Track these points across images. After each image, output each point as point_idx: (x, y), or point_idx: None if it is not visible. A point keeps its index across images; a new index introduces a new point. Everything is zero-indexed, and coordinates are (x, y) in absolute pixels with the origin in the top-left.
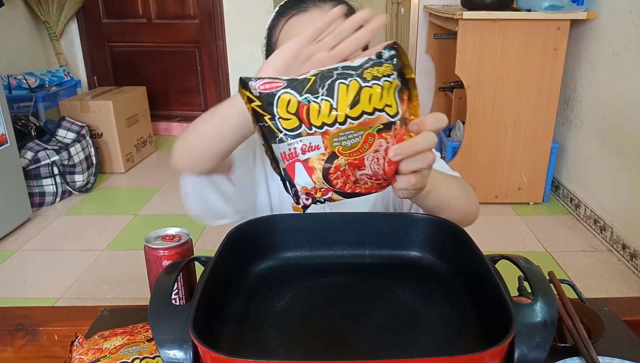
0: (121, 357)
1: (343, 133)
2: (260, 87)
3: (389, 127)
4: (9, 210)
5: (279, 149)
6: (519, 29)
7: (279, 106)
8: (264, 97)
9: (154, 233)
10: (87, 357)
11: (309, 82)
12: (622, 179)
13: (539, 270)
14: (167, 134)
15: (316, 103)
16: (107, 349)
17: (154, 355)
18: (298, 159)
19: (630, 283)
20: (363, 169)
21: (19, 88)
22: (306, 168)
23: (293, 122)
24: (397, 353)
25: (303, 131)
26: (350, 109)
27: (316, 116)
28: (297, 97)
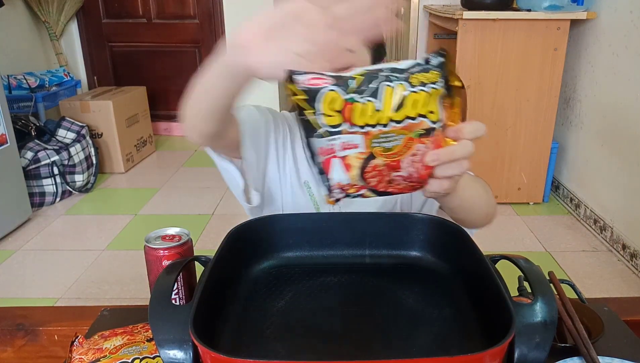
0: (121, 357)
1: (384, 135)
2: (306, 82)
3: (429, 133)
4: (9, 210)
5: (318, 143)
6: (519, 29)
7: (323, 102)
8: (309, 92)
9: (154, 233)
10: (87, 357)
11: (354, 81)
12: (622, 179)
13: (539, 270)
14: (167, 134)
15: (360, 103)
16: (107, 349)
17: (154, 355)
18: (336, 155)
19: (630, 283)
20: (399, 171)
21: (19, 88)
22: (343, 164)
23: (335, 120)
24: (397, 353)
25: (344, 129)
26: (394, 113)
27: (359, 116)
28: (342, 95)
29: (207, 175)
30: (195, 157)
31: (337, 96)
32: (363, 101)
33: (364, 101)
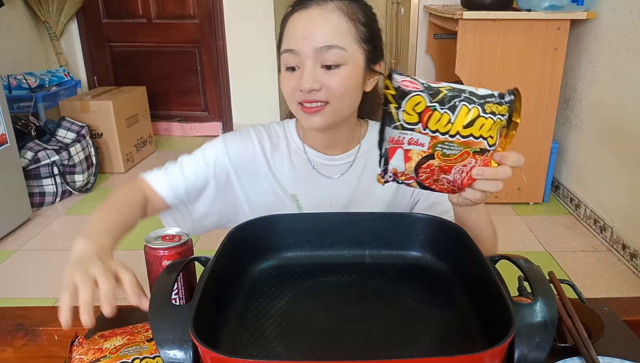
0: (121, 357)
1: (448, 143)
2: (400, 83)
3: (483, 153)
4: (9, 210)
5: (391, 133)
6: (519, 29)
7: (408, 102)
8: (399, 90)
9: (154, 233)
10: (87, 356)
11: (440, 94)
12: (622, 179)
13: (539, 270)
14: (167, 134)
15: (439, 112)
16: (107, 349)
17: (154, 355)
18: (402, 146)
19: (630, 283)
20: (448, 174)
21: (19, 88)
22: (405, 156)
23: (413, 118)
24: (397, 353)
25: (418, 128)
26: (463, 128)
27: (435, 122)
28: (427, 102)
29: None
30: None
31: (422, 101)
32: (442, 111)
33: (443, 112)
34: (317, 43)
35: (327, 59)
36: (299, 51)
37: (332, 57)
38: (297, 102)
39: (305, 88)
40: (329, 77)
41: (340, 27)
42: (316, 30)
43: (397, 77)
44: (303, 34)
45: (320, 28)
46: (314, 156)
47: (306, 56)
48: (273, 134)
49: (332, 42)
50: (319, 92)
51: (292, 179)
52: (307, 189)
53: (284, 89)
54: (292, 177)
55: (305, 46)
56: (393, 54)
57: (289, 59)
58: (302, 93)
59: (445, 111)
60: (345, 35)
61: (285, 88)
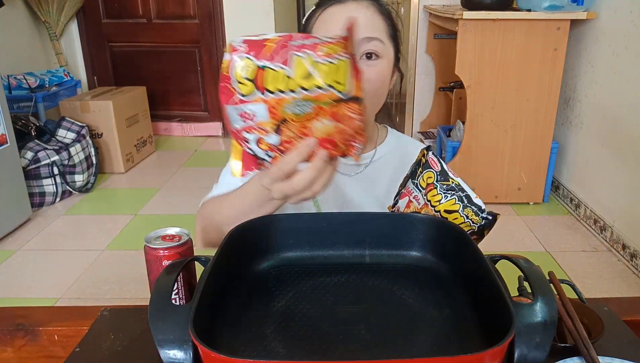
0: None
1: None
2: (429, 160)
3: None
4: (9, 210)
5: (409, 184)
6: (519, 29)
7: (425, 174)
8: (426, 162)
9: (154, 233)
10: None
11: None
12: (622, 179)
13: (539, 270)
14: (167, 134)
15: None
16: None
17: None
18: (409, 197)
19: (630, 283)
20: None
21: (19, 88)
22: (408, 202)
23: (423, 185)
24: (397, 353)
25: (423, 193)
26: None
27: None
28: (435, 180)
29: (207, 175)
30: (195, 157)
31: (433, 177)
32: (439, 192)
33: (440, 192)
34: (360, 34)
35: (368, 51)
36: None
37: (373, 49)
38: None
39: None
40: (368, 70)
41: (377, 22)
42: (359, 23)
43: (430, 155)
44: (344, 26)
45: (362, 20)
46: None
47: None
48: None
49: (373, 34)
50: None
51: None
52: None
53: None
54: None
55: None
56: None
57: None
58: None
59: (441, 193)
60: (382, 30)
61: None
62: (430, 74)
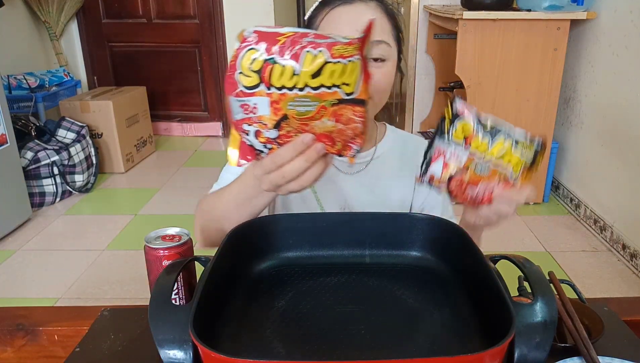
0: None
1: (481, 164)
2: (459, 107)
3: (506, 178)
4: (9, 210)
5: (439, 143)
6: (519, 29)
7: (460, 124)
8: (456, 113)
9: (154, 233)
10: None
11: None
12: (622, 179)
13: (539, 270)
14: (167, 134)
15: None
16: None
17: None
18: (444, 157)
19: (630, 283)
20: (474, 188)
21: (19, 88)
22: (445, 164)
23: (460, 138)
24: (397, 353)
25: (461, 146)
26: (495, 157)
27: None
28: (473, 127)
29: (207, 175)
30: (195, 157)
31: (471, 126)
32: (482, 137)
33: (482, 137)
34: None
35: (375, 53)
36: None
37: (380, 52)
38: None
39: None
40: (375, 71)
41: (384, 24)
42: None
43: (458, 103)
44: (354, 28)
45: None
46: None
47: None
48: None
49: (381, 38)
50: None
51: None
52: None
53: None
54: None
55: None
56: None
57: None
58: None
59: (487, 137)
60: (388, 32)
61: None
62: (430, 74)
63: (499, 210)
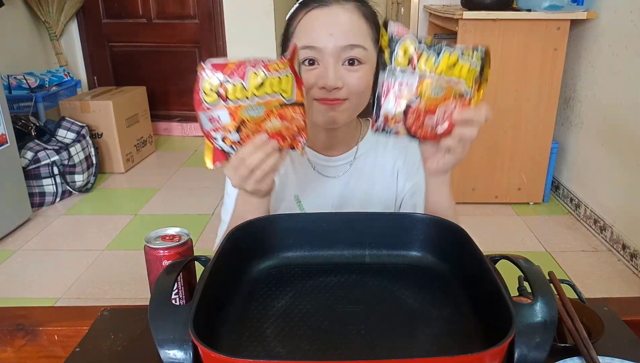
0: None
1: (433, 85)
2: (394, 30)
3: (461, 96)
4: (9, 210)
5: (384, 78)
6: (519, 29)
7: (401, 46)
8: (393, 37)
9: (154, 233)
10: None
11: (426, 40)
12: (622, 179)
13: (539, 270)
14: (167, 134)
15: (426, 53)
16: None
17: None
18: (393, 90)
19: (630, 283)
20: (432, 116)
21: (19, 88)
22: (396, 96)
23: (404, 62)
24: (397, 353)
25: (408, 70)
26: (447, 69)
27: (423, 63)
28: (416, 44)
29: (207, 175)
30: (195, 157)
31: (412, 44)
32: (429, 53)
33: (429, 53)
34: (342, 41)
35: (350, 57)
36: (322, 48)
37: (355, 56)
38: (313, 98)
39: (329, 86)
40: (350, 75)
41: (362, 27)
42: (342, 28)
43: (392, 25)
44: (328, 31)
45: (345, 26)
46: (314, 157)
47: (329, 54)
48: None
49: (356, 42)
50: (340, 90)
51: (294, 181)
52: (308, 190)
53: None
54: (293, 178)
55: (329, 43)
56: None
57: (307, 54)
58: (323, 91)
59: (432, 53)
60: (366, 36)
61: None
62: None
63: (462, 135)
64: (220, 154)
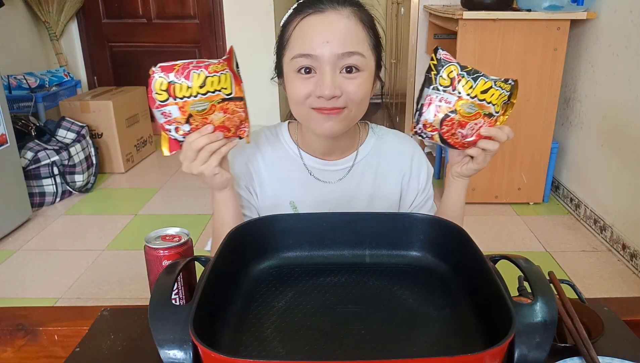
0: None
1: (468, 104)
2: (442, 56)
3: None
4: (9, 210)
5: (428, 92)
6: (519, 29)
7: (445, 69)
8: (441, 61)
9: (154, 233)
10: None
11: (468, 68)
12: (622, 179)
13: (539, 270)
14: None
15: (465, 79)
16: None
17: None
18: (434, 103)
19: (630, 283)
20: (463, 129)
21: (19, 88)
22: (436, 108)
23: (446, 82)
24: (397, 353)
25: (448, 90)
26: (480, 93)
27: (461, 86)
28: (459, 70)
29: None
30: None
31: (455, 69)
32: (468, 78)
33: (468, 79)
34: (339, 49)
35: (348, 65)
36: (319, 56)
37: (353, 63)
38: (311, 107)
39: (326, 95)
40: (348, 83)
41: (359, 34)
42: (338, 36)
43: (441, 52)
44: (324, 39)
45: (342, 33)
46: (311, 162)
47: (326, 62)
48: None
49: (353, 49)
50: (339, 99)
51: (290, 186)
52: (304, 196)
53: (295, 92)
54: (289, 184)
55: (326, 50)
56: (393, 54)
57: (303, 62)
58: (321, 100)
59: (470, 79)
60: (363, 42)
61: (297, 92)
62: None
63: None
64: (175, 144)
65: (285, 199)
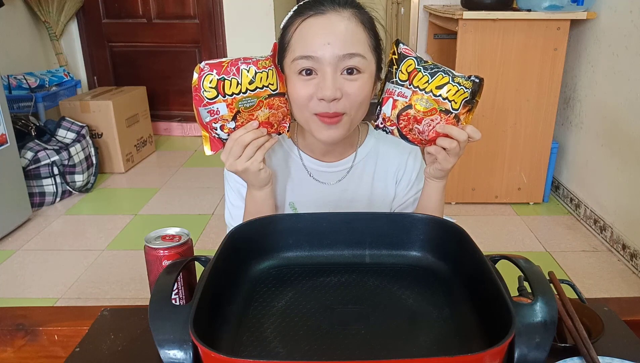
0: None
1: (423, 98)
2: (403, 50)
3: (447, 113)
4: (9, 210)
5: (389, 86)
6: (519, 29)
7: (404, 64)
8: (401, 55)
9: (154, 233)
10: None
11: (426, 62)
12: (622, 179)
13: (539, 270)
14: (167, 134)
15: (422, 73)
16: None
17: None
18: (393, 97)
19: (630, 283)
20: (419, 125)
21: (19, 88)
22: (393, 104)
23: (405, 76)
24: (397, 353)
25: (406, 84)
26: (435, 88)
27: (417, 80)
28: (416, 65)
29: (207, 175)
30: (195, 157)
31: (413, 64)
32: (424, 73)
33: (425, 73)
34: (340, 50)
35: (349, 67)
36: (320, 58)
37: (354, 65)
38: (313, 113)
39: (328, 97)
40: (349, 85)
41: (359, 35)
42: (339, 37)
43: (402, 46)
44: (324, 41)
45: (343, 35)
46: (310, 163)
47: (327, 63)
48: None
49: (354, 50)
50: (339, 101)
51: (289, 187)
52: (304, 197)
53: (297, 94)
54: (289, 185)
55: (327, 52)
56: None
57: (304, 64)
58: (322, 103)
59: (427, 73)
60: (364, 43)
61: (298, 93)
62: None
63: (442, 145)
64: (217, 143)
65: (285, 201)
